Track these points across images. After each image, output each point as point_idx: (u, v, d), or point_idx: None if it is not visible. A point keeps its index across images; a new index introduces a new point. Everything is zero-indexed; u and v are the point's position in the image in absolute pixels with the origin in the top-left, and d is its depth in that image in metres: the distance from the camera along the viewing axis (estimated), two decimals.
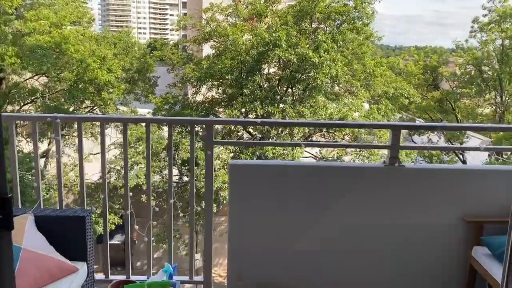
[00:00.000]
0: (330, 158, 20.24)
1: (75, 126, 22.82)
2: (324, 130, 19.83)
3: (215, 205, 18.49)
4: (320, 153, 22.12)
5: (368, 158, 19.29)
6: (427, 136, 29.43)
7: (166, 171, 21.99)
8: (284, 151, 18.80)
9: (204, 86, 23.24)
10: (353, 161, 21.49)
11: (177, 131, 21.79)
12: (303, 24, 20.27)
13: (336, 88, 21.58)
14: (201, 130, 22.19)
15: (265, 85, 21.47)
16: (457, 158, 28.21)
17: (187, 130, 22.02)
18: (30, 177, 18.61)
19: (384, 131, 19.44)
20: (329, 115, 18.89)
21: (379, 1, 19.95)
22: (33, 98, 21.64)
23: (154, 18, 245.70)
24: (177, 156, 21.11)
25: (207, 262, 4.48)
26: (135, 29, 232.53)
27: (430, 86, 29.82)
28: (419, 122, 32.67)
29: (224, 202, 18.59)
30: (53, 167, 23.77)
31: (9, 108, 21.31)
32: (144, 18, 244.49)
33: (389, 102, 21.74)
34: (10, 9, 18.89)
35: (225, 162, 20.37)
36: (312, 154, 22.80)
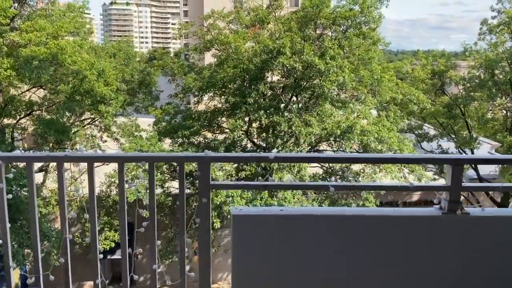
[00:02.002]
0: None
1: (74, 137, 22.13)
2: (332, 139, 19.05)
3: (219, 220, 17.71)
4: (329, 164, 21.34)
5: (379, 169, 18.48)
6: (436, 143, 28.63)
7: (168, 184, 21.24)
8: (290, 164, 18.05)
9: (206, 96, 22.60)
10: (363, 170, 20.68)
11: (178, 143, 21.11)
12: (307, 30, 19.58)
13: (343, 95, 20.86)
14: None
15: (269, 94, 20.77)
16: (468, 165, 27.33)
17: (189, 140, 21.38)
18: (25, 193, 17.89)
19: (393, 139, 18.65)
20: (337, 123, 18.12)
21: (386, 6, 19.28)
22: (29, 111, 21.02)
23: (156, 27, 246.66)
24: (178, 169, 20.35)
25: None
26: (137, 38, 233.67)
27: (438, 90, 29.04)
28: (427, 128, 31.86)
29: (228, 216, 17.79)
30: (51, 181, 23.08)
31: (5, 121, 20.68)
32: (146, 27, 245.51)
33: (397, 108, 20.95)
34: (5, 19, 18.31)
35: (230, 174, 19.60)
36: (320, 164, 22.01)
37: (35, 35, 18.22)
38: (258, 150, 21.34)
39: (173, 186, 21.57)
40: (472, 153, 27.26)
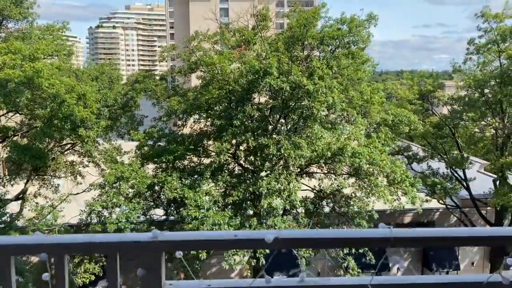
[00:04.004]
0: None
1: (52, 166, 21.08)
2: (322, 161, 18.35)
3: (205, 251, 16.67)
4: (319, 186, 20.57)
5: (371, 193, 17.78)
6: (426, 163, 28.18)
7: (152, 212, 20.20)
8: (278, 184, 17.25)
9: (191, 118, 21.85)
10: (354, 194, 19.96)
11: (161, 168, 20.19)
12: (294, 50, 19.09)
13: (332, 116, 20.29)
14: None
15: (256, 115, 20.10)
16: (460, 185, 26.86)
17: (173, 165, 20.48)
18: None
19: (386, 161, 18.03)
20: (327, 145, 17.45)
21: (375, 25, 18.89)
22: (4, 137, 19.98)
23: (143, 50, 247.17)
24: (162, 195, 19.45)
25: None
26: (124, 61, 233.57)
27: (427, 111, 28.75)
28: (416, 148, 31.46)
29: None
30: (28, 210, 21.85)
31: None
32: (133, 50, 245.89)
33: (388, 130, 20.42)
34: None
35: (215, 200, 18.66)
36: (310, 187, 21.26)
37: (10, 57, 17.36)
38: (246, 174, 20.53)
39: (157, 213, 20.55)
40: (464, 173, 26.86)
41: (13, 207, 21.44)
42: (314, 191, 21.14)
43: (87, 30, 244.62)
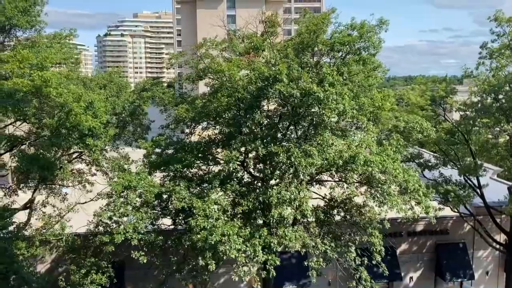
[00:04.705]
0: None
1: (60, 174, 20.91)
2: (333, 169, 17.95)
3: (214, 262, 16.32)
4: (330, 194, 20.16)
5: (384, 202, 17.33)
6: (438, 171, 27.62)
7: (160, 221, 19.90)
8: (289, 193, 16.86)
9: (200, 126, 21.58)
10: (366, 203, 19.53)
11: (169, 177, 19.91)
12: (304, 57, 18.77)
13: (342, 123, 19.91)
14: (199, 169, 20.33)
15: (265, 123, 19.77)
16: (474, 193, 26.25)
17: (181, 173, 20.18)
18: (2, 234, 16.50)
19: (399, 169, 17.59)
20: (339, 153, 17.05)
21: (386, 31, 18.53)
22: (11, 146, 19.85)
23: (150, 58, 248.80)
24: (170, 204, 19.16)
25: None
26: (132, 69, 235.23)
27: (438, 117, 28.24)
28: (427, 155, 30.88)
29: (225, 257, 16.43)
30: (36, 219, 21.68)
31: None
32: (141, 58, 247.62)
33: (400, 137, 19.97)
34: None
35: (225, 210, 18.27)
36: (321, 195, 20.85)
37: (18, 66, 17.23)
38: (255, 182, 20.18)
39: (165, 223, 20.25)
40: (478, 180, 26.26)
41: (20, 216, 21.29)
42: (325, 199, 20.73)
43: (96, 38, 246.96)
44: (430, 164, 27.34)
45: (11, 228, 17.88)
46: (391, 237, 24.11)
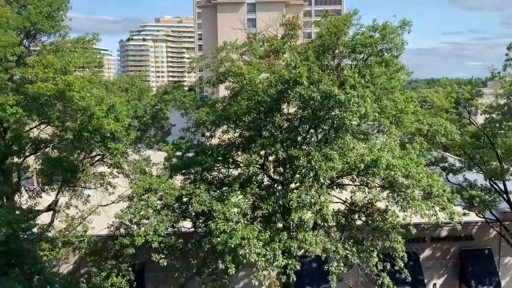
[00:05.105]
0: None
1: (82, 176, 21.22)
2: (354, 173, 17.66)
3: (234, 265, 16.25)
4: (351, 198, 19.86)
5: (407, 207, 16.95)
6: (463, 175, 26.96)
7: (180, 224, 19.97)
8: (309, 197, 16.65)
9: (220, 129, 21.61)
10: (388, 207, 19.17)
11: (190, 180, 19.99)
12: (325, 59, 18.57)
13: (364, 125, 19.61)
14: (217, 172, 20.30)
15: (285, 126, 19.63)
16: (500, 198, 25.51)
17: (201, 176, 20.21)
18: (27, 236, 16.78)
19: (422, 174, 17.20)
20: (360, 156, 16.77)
21: (408, 32, 18.18)
22: (36, 149, 20.25)
23: (172, 62, 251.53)
24: (190, 207, 19.20)
25: None
26: (154, 72, 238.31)
27: (463, 119, 27.58)
28: (452, 159, 30.18)
29: (244, 261, 16.33)
30: (59, 221, 22.04)
31: (9, 160, 19.88)
32: (162, 62, 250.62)
33: (423, 140, 19.52)
34: (12, 56, 17.80)
35: (245, 213, 18.19)
36: (341, 199, 20.57)
37: (42, 70, 17.58)
38: (275, 185, 20.05)
39: (185, 226, 20.30)
40: (504, 185, 25.52)
41: (44, 218, 21.67)
42: (346, 203, 20.44)
43: (118, 43, 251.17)
44: (454, 168, 26.73)
45: (35, 229, 18.19)
46: (414, 243, 23.60)
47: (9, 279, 16.34)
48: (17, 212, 17.35)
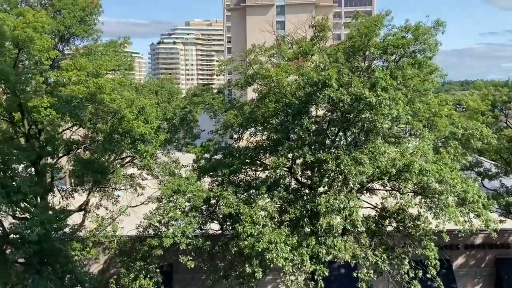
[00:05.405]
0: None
1: (113, 177, 21.55)
2: (386, 178, 17.20)
3: (261, 269, 16.09)
4: (382, 204, 19.36)
5: (441, 213, 16.36)
6: (499, 181, 25.95)
7: (207, 226, 19.99)
8: (337, 202, 16.32)
9: (247, 132, 21.56)
10: (420, 213, 18.59)
11: (217, 182, 19.98)
12: (355, 61, 18.21)
13: (395, 129, 19.10)
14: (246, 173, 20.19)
15: (314, 129, 19.36)
16: None
17: (229, 179, 20.21)
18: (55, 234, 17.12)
19: (457, 179, 16.59)
20: (391, 161, 16.31)
21: (443, 32, 17.59)
22: (68, 150, 20.71)
23: (201, 65, 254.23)
24: (218, 209, 19.19)
25: None
26: (183, 75, 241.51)
27: (500, 123, 26.56)
28: (488, 164, 29.09)
29: (272, 265, 16.16)
30: (90, 221, 22.46)
31: (43, 161, 20.39)
32: (192, 64, 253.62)
33: (458, 144, 18.84)
34: (47, 60, 18.25)
35: (272, 217, 18.02)
36: (371, 204, 20.10)
37: (75, 73, 17.96)
38: (302, 189, 19.80)
39: (212, 228, 20.30)
40: None
41: (75, 218, 22.13)
42: (376, 209, 19.95)
43: (149, 46, 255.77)
44: (490, 173, 25.78)
45: (66, 229, 18.58)
46: (446, 250, 22.82)
47: (42, 277, 16.74)
48: (50, 212, 17.74)
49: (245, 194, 18.76)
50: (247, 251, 15.95)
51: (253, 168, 20.90)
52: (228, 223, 19.47)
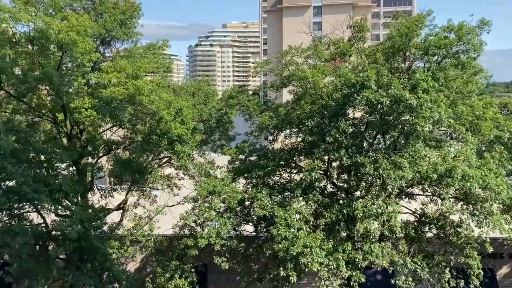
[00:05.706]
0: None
1: (150, 177, 21.93)
2: (426, 183, 16.60)
3: (295, 273, 15.89)
4: (422, 209, 18.72)
5: (486, 221, 15.62)
6: None
7: (242, 227, 19.98)
8: (375, 207, 15.88)
9: (282, 133, 21.40)
10: (462, 220, 17.83)
11: (252, 184, 19.94)
12: (395, 62, 17.69)
13: (437, 132, 18.41)
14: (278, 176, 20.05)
15: (351, 131, 18.96)
16: None
17: (263, 181, 20.12)
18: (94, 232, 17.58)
19: (503, 185, 15.79)
20: (433, 165, 15.71)
21: (488, 32, 16.82)
22: (108, 150, 21.26)
23: (237, 66, 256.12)
24: (252, 211, 19.14)
25: None
26: (220, 77, 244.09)
27: None
28: None
29: (306, 269, 15.93)
30: (128, 220, 22.96)
31: (84, 161, 21.01)
32: (228, 66, 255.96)
33: (504, 149, 17.96)
34: (89, 62, 18.80)
35: (307, 220, 17.77)
36: (410, 210, 19.48)
37: (115, 75, 18.41)
38: (338, 193, 19.43)
39: (247, 230, 20.27)
40: None
41: (113, 217, 22.69)
42: (416, 215, 19.32)
43: (187, 48, 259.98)
44: None
45: (105, 228, 19.04)
46: (490, 259, 21.80)
47: (81, 274, 17.23)
48: (89, 211, 18.24)
49: (280, 196, 18.61)
50: (282, 254, 15.79)
51: (287, 170, 20.70)
52: (262, 225, 19.38)
